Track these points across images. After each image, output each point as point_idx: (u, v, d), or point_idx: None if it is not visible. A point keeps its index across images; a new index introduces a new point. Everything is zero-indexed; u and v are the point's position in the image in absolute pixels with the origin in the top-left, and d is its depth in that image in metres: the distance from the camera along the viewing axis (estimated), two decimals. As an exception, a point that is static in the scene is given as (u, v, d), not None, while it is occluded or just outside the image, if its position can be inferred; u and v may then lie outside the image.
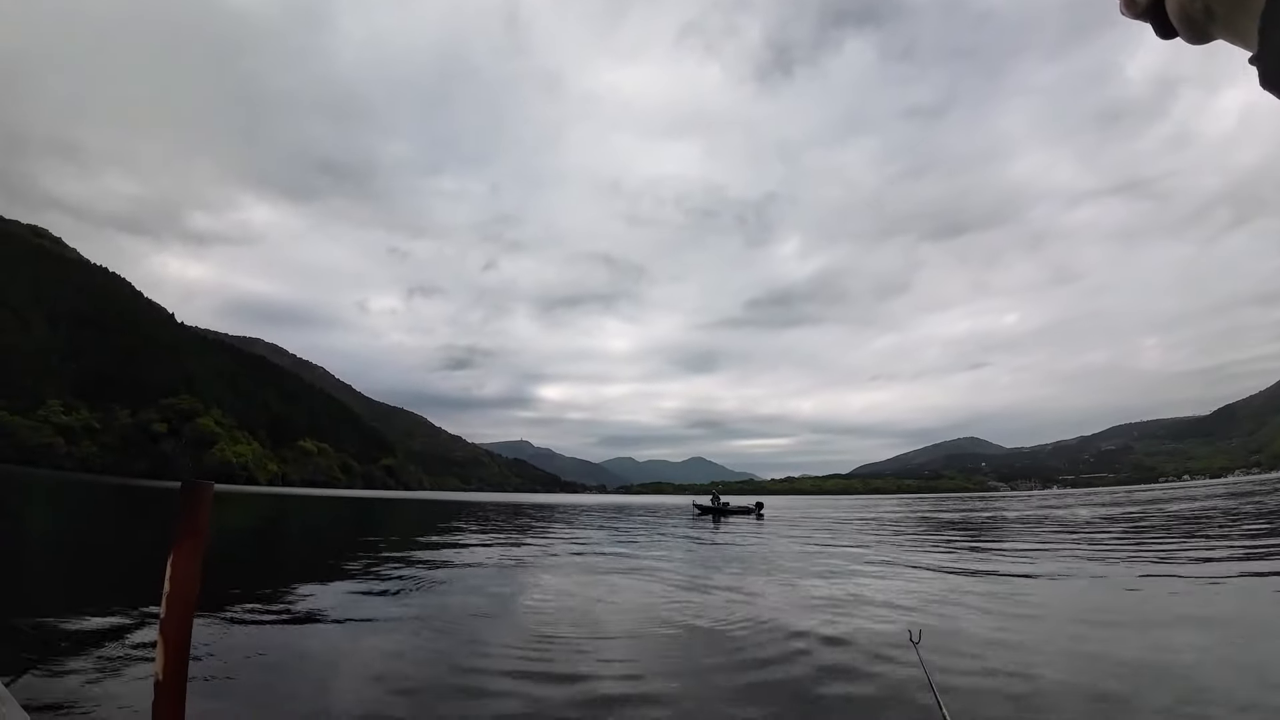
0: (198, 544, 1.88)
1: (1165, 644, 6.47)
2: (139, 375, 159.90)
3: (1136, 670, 5.59)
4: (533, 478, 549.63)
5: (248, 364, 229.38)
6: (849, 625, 7.57)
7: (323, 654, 6.10)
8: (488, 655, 6.13)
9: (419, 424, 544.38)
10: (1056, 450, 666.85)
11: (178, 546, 1.84)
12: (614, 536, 22.32)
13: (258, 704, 4.70)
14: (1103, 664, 5.81)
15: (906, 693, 5.02)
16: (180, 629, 1.80)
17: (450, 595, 9.51)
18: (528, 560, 14.36)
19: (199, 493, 1.92)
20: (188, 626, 1.83)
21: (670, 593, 10.00)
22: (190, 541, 1.86)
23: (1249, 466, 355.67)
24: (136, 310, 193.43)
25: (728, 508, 42.96)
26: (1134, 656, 6.03)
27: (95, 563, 12.48)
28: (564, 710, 4.68)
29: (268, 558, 15.42)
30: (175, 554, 1.82)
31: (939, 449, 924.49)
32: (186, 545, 1.85)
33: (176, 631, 1.80)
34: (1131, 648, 6.34)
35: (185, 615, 1.82)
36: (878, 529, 26.44)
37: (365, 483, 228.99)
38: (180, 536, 1.85)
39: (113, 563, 12.78)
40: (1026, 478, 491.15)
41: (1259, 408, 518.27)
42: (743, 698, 5.03)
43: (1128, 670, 5.59)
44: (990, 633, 7.05)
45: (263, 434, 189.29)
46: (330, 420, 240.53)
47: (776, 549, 17.80)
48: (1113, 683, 5.25)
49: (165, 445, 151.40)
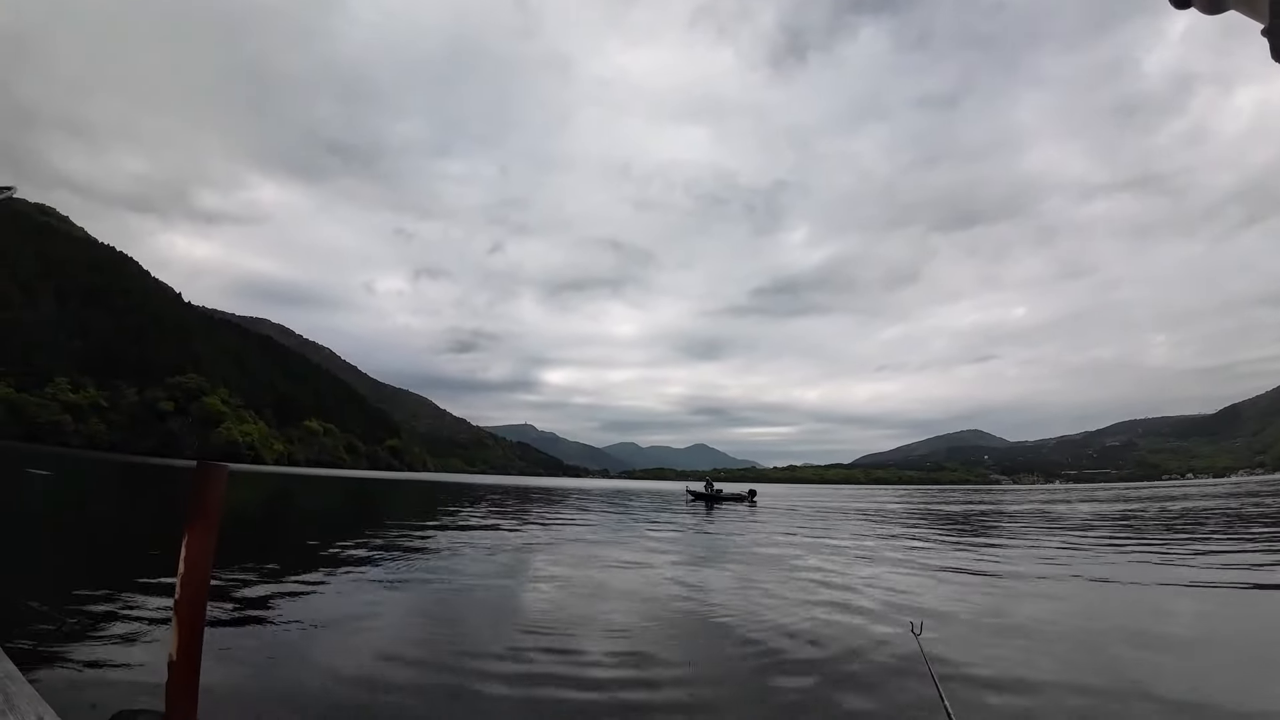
0: (211, 525, 1.88)
1: (1162, 639, 6.57)
2: (146, 354, 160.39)
3: (1134, 663, 5.65)
4: (536, 461, 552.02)
5: (254, 344, 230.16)
6: (846, 615, 7.60)
7: (330, 634, 6.16)
8: (489, 635, 6.25)
9: (424, 406, 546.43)
10: (1060, 445, 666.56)
11: (191, 527, 1.84)
12: (609, 521, 22.70)
13: (268, 683, 4.72)
14: (1102, 657, 5.88)
15: (908, 683, 5.04)
16: (194, 609, 1.81)
17: (453, 577, 9.60)
18: (528, 543, 14.57)
19: (213, 473, 1.91)
20: (202, 606, 1.83)
21: (663, 581, 10.03)
22: (203, 522, 1.86)
23: (1253, 467, 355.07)
24: (144, 289, 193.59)
25: (720, 495, 43.33)
26: (1132, 650, 6.11)
27: (107, 541, 12.44)
28: (559, 695, 4.70)
29: (276, 537, 15.54)
30: (189, 534, 1.83)
31: (942, 440, 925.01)
32: (200, 526, 1.85)
33: (190, 611, 1.80)
34: (1130, 641, 6.41)
35: (199, 595, 1.82)
36: (873, 519, 26.51)
37: (370, 463, 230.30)
38: (193, 517, 1.85)
39: (125, 541, 12.78)
40: (1029, 471, 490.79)
41: (1265, 408, 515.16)
42: (739, 686, 5.04)
43: (1126, 663, 5.66)
44: (990, 624, 7.12)
45: (269, 414, 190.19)
46: (336, 401, 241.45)
47: (767, 537, 17.92)
48: (1112, 675, 5.29)
49: (172, 423, 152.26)
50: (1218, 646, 6.28)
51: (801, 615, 7.59)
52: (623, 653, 5.78)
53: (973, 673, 5.32)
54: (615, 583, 9.67)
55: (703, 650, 6.06)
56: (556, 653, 5.69)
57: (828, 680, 5.17)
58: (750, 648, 6.21)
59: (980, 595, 8.95)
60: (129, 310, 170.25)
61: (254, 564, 10.04)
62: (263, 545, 13.39)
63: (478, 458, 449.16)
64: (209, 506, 1.88)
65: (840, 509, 36.19)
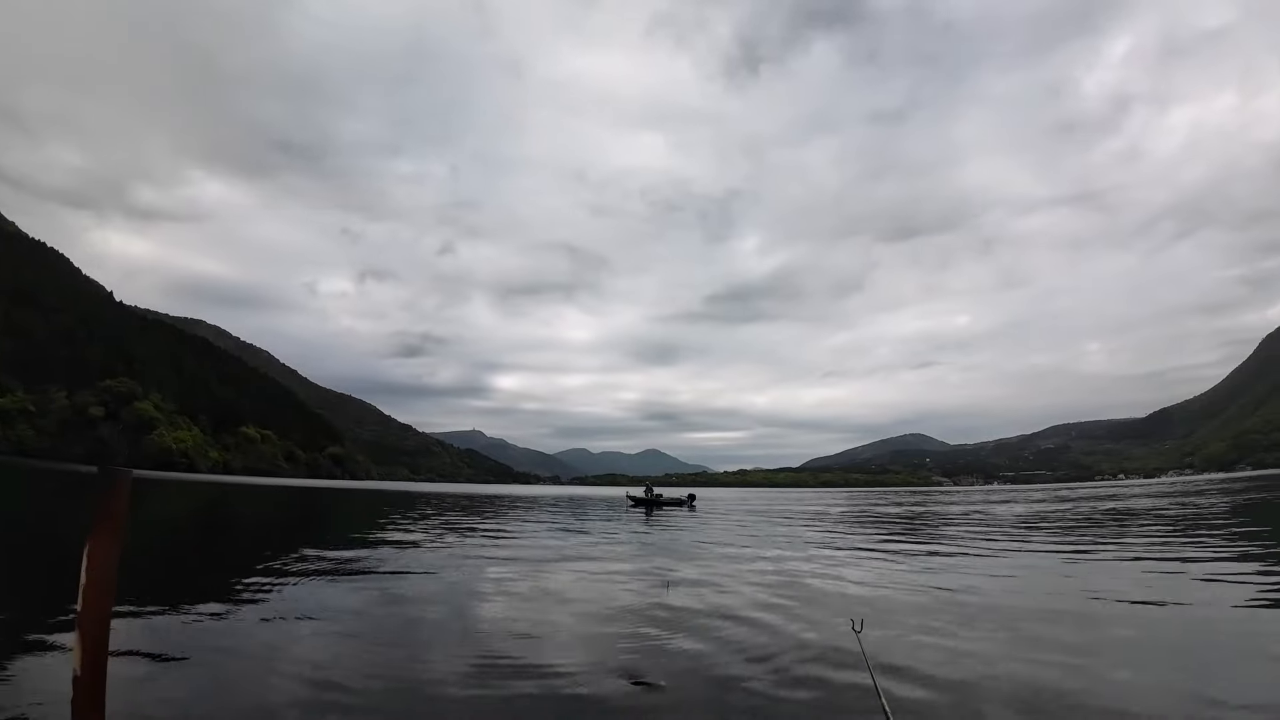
0: (116, 533, 1.76)
1: (1095, 633, 6.83)
2: (76, 356, 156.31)
3: (1068, 659, 5.77)
4: (485, 468, 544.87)
5: (190, 346, 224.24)
6: (785, 615, 7.66)
7: (256, 650, 5.91)
8: (429, 652, 6.04)
9: (368, 412, 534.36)
10: (998, 448, 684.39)
11: (95, 536, 1.73)
12: (553, 527, 23.01)
13: (184, 702, 4.58)
14: (1037, 652, 6.02)
15: (847, 681, 5.11)
16: (98, 622, 1.69)
17: (393, 588, 9.38)
18: (467, 552, 14.38)
19: (118, 480, 1.79)
20: (106, 619, 1.71)
21: (603, 584, 10.20)
22: (108, 530, 1.73)
23: (1182, 468, 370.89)
24: (75, 288, 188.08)
25: (660, 499, 43.99)
26: (1065, 645, 6.25)
27: (14, 549, 12.29)
28: (504, 702, 4.73)
29: (205, 549, 15.10)
30: (92, 544, 1.71)
31: (886, 444, 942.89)
32: (104, 535, 1.72)
33: (94, 625, 1.68)
34: (1062, 637, 6.58)
35: (103, 608, 1.70)
36: (813, 521, 27.08)
37: (310, 471, 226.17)
38: (97, 525, 1.73)
39: (34, 550, 12.52)
40: (969, 473, 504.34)
41: (1194, 413, 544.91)
42: (677, 687, 5.04)
43: (1060, 660, 5.75)
44: (929, 623, 7.21)
45: (204, 420, 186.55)
46: (275, 407, 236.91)
47: (705, 540, 18.39)
48: (1046, 671, 5.39)
49: (103, 430, 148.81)
50: (1150, 647, 6.33)
51: (740, 615, 7.68)
52: (561, 669, 5.57)
53: (911, 668, 5.39)
54: (552, 588, 9.77)
55: (637, 653, 6.03)
56: (506, 668, 5.55)
57: (767, 680, 5.18)
58: (683, 644, 6.35)
59: (920, 593, 9.21)
60: (59, 310, 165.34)
61: (176, 577, 9.91)
62: (188, 558, 13.11)
63: (424, 465, 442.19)
64: (114, 515, 1.75)
65: (784, 511, 36.68)
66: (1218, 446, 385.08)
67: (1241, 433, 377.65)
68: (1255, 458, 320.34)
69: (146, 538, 15.83)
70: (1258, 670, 5.58)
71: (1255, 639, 6.54)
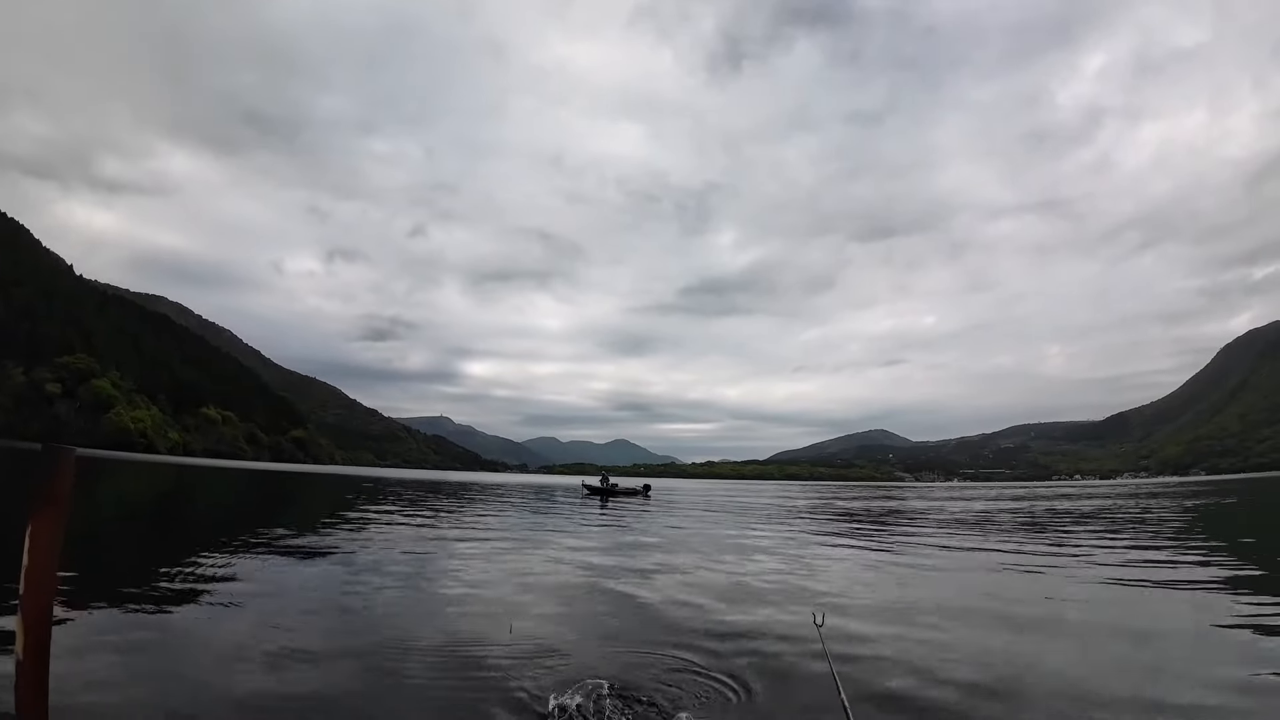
0: (59, 513, 1.72)
1: (1050, 628, 6.95)
2: (34, 331, 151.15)
3: (1023, 654, 5.89)
4: (452, 455, 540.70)
5: (150, 323, 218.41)
6: (746, 608, 7.65)
7: (208, 637, 5.79)
8: (390, 638, 5.94)
9: (334, 395, 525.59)
10: (960, 445, 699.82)
11: (37, 516, 1.68)
12: (517, 515, 22.91)
13: (129, 686, 4.52)
14: (994, 646, 6.13)
15: (807, 675, 5.14)
16: (41, 606, 1.65)
17: (354, 574, 9.28)
18: (428, 538, 14.42)
19: (61, 458, 1.75)
20: (49, 603, 1.68)
21: (560, 571, 10.27)
22: (50, 511, 1.69)
23: (1137, 470, 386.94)
24: (34, 261, 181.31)
25: (615, 489, 44.26)
26: (1021, 641, 6.35)
27: None
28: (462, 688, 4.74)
29: (161, 532, 14.89)
30: (34, 525, 1.67)
31: (852, 439, 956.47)
32: (46, 515, 1.68)
33: (37, 609, 1.65)
34: (1019, 632, 6.68)
35: (46, 591, 1.66)
36: (780, 513, 27.20)
37: (273, 455, 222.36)
38: (40, 506, 1.68)
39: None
40: (930, 470, 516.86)
41: (1150, 417, 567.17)
42: (636, 679, 4.95)
43: (1015, 654, 5.87)
44: (890, 617, 7.29)
45: (164, 399, 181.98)
46: (237, 388, 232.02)
47: (660, 530, 18.42)
48: (1003, 665, 5.49)
49: (59, 407, 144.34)
50: (1101, 641, 6.45)
51: (697, 606, 7.66)
52: (528, 649, 5.71)
53: (872, 661, 5.50)
54: (502, 572, 9.91)
55: (597, 644, 6.01)
56: (461, 659, 5.45)
57: (728, 672, 5.17)
58: (642, 635, 6.31)
59: (882, 587, 9.33)
60: (17, 283, 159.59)
61: (131, 561, 9.87)
62: (144, 541, 12.97)
63: (390, 451, 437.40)
64: (57, 494, 1.72)
65: (747, 504, 37.11)
66: (1173, 450, 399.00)
67: (1197, 438, 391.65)
68: (1209, 462, 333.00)
69: (97, 519, 15.67)
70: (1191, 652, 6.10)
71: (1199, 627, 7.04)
